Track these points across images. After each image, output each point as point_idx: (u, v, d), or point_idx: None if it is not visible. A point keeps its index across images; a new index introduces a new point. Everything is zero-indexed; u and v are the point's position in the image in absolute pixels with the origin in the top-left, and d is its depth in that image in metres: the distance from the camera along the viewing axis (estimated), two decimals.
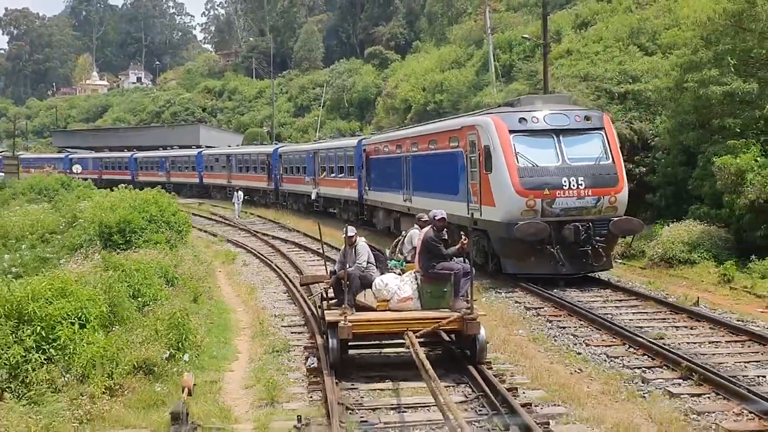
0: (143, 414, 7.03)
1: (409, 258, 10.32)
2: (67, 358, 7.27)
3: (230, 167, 43.74)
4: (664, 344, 9.66)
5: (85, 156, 60.53)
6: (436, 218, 9.30)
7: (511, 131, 14.43)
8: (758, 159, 15.99)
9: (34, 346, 7.19)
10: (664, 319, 11.47)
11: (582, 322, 11.35)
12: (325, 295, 9.89)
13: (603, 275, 14.94)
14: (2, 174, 42.16)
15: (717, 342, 10.06)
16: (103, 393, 7.06)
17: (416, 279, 9.27)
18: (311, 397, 7.96)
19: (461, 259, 9.29)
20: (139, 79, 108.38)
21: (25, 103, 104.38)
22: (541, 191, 13.94)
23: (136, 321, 8.95)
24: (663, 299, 12.69)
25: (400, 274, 9.65)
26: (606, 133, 14.79)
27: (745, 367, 8.87)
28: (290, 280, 15.31)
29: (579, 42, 33.21)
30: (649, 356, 9.38)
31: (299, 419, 6.78)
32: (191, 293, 12.26)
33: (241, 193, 34.28)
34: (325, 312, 9.32)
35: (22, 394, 6.87)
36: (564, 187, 13.96)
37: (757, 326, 10.77)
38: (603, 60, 25.95)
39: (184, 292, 12.00)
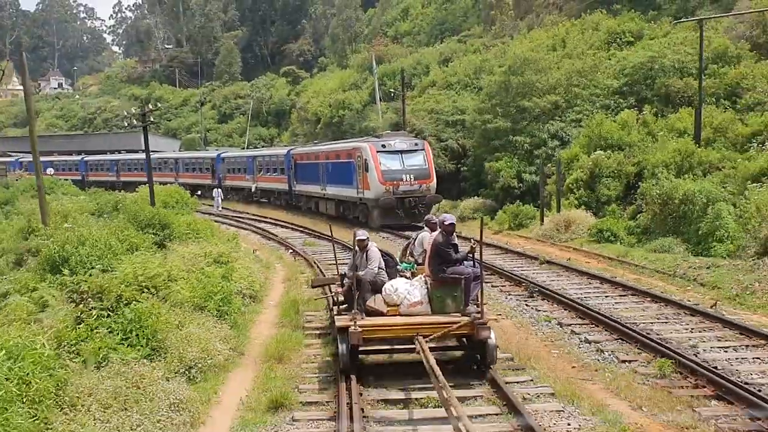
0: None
1: (420, 261, 10.43)
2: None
3: (177, 168, 55.53)
4: None
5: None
6: (445, 223, 9.21)
7: (378, 151, 27.91)
8: (508, 163, 30.44)
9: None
10: None
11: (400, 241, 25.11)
12: (336, 300, 10.14)
13: None
14: None
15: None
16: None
17: (426, 283, 9.33)
18: (293, 258, 21.08)
19: (470, 263, 9.32)
20: (60, 85, 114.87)
21: None
22: (392, 182, 27.43)
23: (217, 236, 21.76)
24: None
25: (409, 278, 9.81)
26: (426, 152, 28.55)
27: None
28: (261, 234, 28.41)
29: (441, 74, 46.64)
30: None
31: (294, 258, 20.08)
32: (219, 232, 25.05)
33: (220, 190, 43.26)
34: (336, 317, 9.44)
35: None
36: (403, 180, 27.58)
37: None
38: (444, 98, 40.06)
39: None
